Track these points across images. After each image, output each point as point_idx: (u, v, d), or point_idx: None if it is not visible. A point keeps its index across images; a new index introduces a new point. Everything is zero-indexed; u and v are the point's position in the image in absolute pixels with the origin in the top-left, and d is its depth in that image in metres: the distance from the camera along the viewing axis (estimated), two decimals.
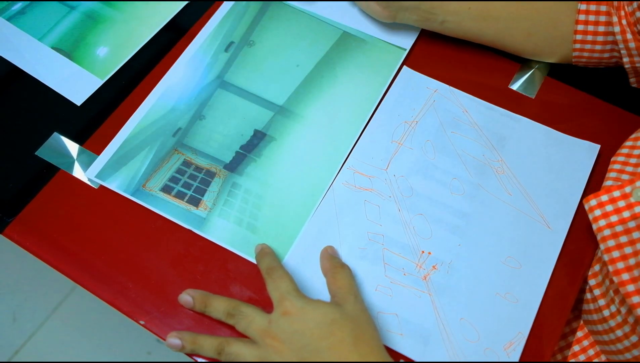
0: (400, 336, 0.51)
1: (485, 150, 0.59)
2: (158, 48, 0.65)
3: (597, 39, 0.57)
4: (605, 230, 0.49)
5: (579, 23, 0.57)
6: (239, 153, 0.59)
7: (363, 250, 0.54)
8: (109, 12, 0.66)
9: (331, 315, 0.46)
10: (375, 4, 0.62)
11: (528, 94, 0.63)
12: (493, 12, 0.59)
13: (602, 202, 0.49)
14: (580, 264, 0.54)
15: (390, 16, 0.62)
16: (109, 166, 0.57)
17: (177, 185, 0.57)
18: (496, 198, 0.56)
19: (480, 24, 0.60)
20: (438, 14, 0.60)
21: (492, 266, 0.53)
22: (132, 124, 0.59)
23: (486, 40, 0.62)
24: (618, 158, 0.54)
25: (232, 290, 0.52)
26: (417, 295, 0.52)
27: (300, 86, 0.62)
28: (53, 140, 0.59)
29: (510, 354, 0.50)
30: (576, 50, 0.59)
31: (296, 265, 0.53)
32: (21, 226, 0.54)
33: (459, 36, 0.62)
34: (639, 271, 0.46)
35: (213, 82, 0.62)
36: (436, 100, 0.62)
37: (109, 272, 0.52)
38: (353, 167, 0.58)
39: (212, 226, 0.55)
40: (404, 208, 0.56)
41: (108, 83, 0.62)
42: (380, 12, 0.62)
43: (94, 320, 1.20)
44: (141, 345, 1.18)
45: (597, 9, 0.56)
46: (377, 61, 0.64)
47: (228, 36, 0.65)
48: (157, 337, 0.50)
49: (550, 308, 0.52)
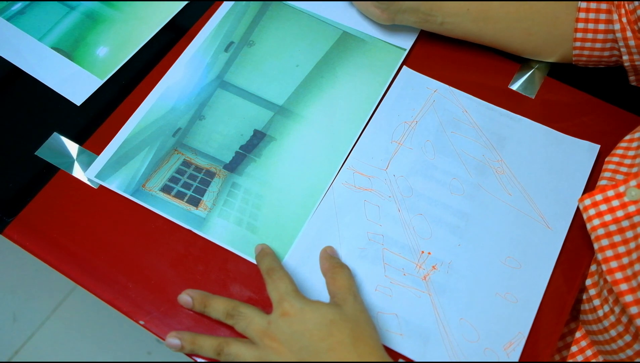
0: (400, 336, 0.51)
1: (485, 150, 0.59)
2: (158, 48, 0.65)
3: (597, 37, 0.57)
4: (599, 229, 0.49)
5: (579, 21, 0.57)
6: (239, 153, 0.59)
7: (363, 250, 0.54)
8: (109, 12, 0.66)
9: (330, 315, 0.46)
10: (374, 7, 0.62)
11: (528, 94, 0.62)
12: (492, 12, 0.59)
13: (596, 201, 0.50)
14: (580, 264, 0.54)
15: (389, 18, 0.62)
16: (108, 166, 0.57)
17: (177, 185, 0.57)
18: (496, 198, 0.56)
19: (480, 24, 0.60)
20: (437, 16, 0.60)
21: (492, 266, 0.53)
22: (132, 124, 0.59)
23: (486, 40, 0.62)
24: (612, 158, 0.55)
25: (231, 290, 0.52)
26: (417, 295, 0.52)
27: (300, 86, 0.62)
28: (53, 140, 0.59)
29: (510, 354, 0.50)
30: (576, 48, 0.59)
31: (296, 265, 0.53)
32: (21, 226, 0.54)
33: (459, 37, 0.62)
34: (632, 270, 0.46)
35: (213, 82, 0.62)
36: (436, 100, 0.62)
37: (109, 272, 0.52)
38: (353, 167, 0.58)
39: (212, 226, 0.55)
40: (404, 208, 0.56)
41: (108, 83, 0.62)
42: (379, 14, 0.62)
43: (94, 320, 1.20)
44: (141, 345, 1.18)
45: (598, 7, 0.56)
46: (377, 61, 0.64)
47: (228, 36, 0.65)
48: (157, 337, 0.50)
49: (550, 308, 0.52)
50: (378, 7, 0.61)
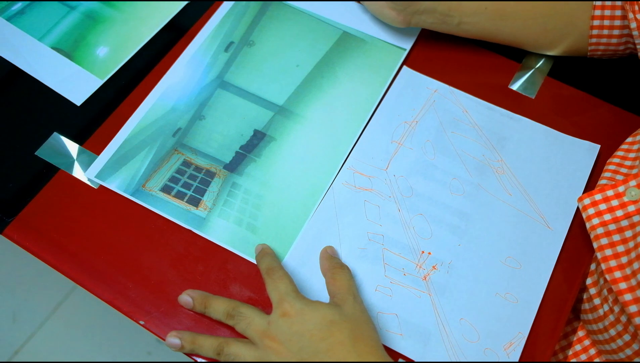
0: (400, 336, 0.51)
1: (485, 150, 0.59)
2: (158, 48, 0.65)
3: (613, 33, 0.58)
4: (599, 228, 0.49)
5: (595, 19, 0.57)
6: (239, 153, 0.59)
7: (363, 250, 0.54)
8: (109, 12, 0.66)
9: (330, 316, 0.46)
10: (390, 9, 0.60)
11: (528, 94, 0.62)
12: (509, 10, 0.59)
13: (596, 201, 0.50)
14: (580, 264, 0.54)
15: (405, 21, 0.60)
16: (108, 166, 0.57)
17: (177, 185, 0.57)
18: (496, 198, 0.56)
19: (497, 22, 0.59)
20: (455, 16, 0.59)
21: (492, 266, 0.53)
22: (132, 124, 0.59)
23: (502, 38, 0.61)
24: (614, 160, 0.55)
25: (231, 290, 0.52)
26: (417, 295, 0.52)
27: (300, 86, 0.62)
28: (53, 140, 0.59)
29: (510, 354, 0.50)
30: (592, 44, 0.59)
31: (296, 265, 0.53)
32: (21, 226, 0.54)
33: (474, 36, 0.62)
34: (631, 269, 0.46)
35: (213, 82, 0.62)
36: (436, 100, 0.62)
37: (109, 272, 0.52)
38: (353, 167, 0.58)
39: (212, 226, 0.55)
40: (404, 208, 0.56)
41: (108, 83, 0.62)
42: (395, 17, 0.60)
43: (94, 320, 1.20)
44: (141, 345, 1.18)
45: (613, 5, 0.57)
46: (377, 61, 0.64)
47: (228, 36, 0.65)
48: (157, 337, 0.50)
49: (550, 308, 0.52)
50: (394, 8, 0.60)
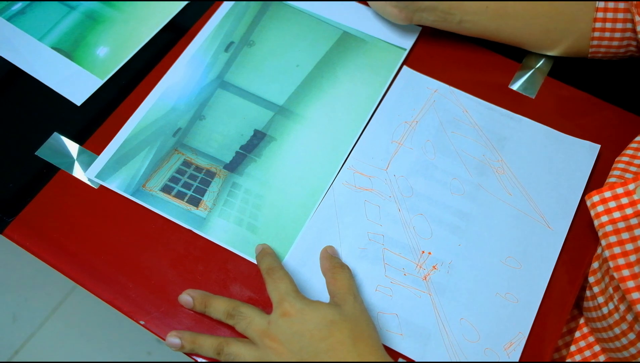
0: (400, 336, 0.51)
1: (485, 150, 0.59)
2: (158, 48, 0.65)
3: (615, 35, 0.57)
4: (608, 226, 0.49)
5: (597, 20, 0.57)
6: (239, 153, 0.59)
7: (363, 250, 0.54)
8: (109, 12, 0.66)
9: (330, 316, 0.46)
10: (392, 7, 0.61)
11: (528, 94, 0.62)
12: (511, 9, 0.59)
13: (605, 198, 0.50)
14: (581, 264, 0.54)
15: (407, 18, 0.61)
16: (109, 166, 0.57)
17: (177, 185, 0.57)
18: (496, 198, 0.56)
19: (498, 22, 0.59)
20: (456, 14, 0.59)
21: (492, 266, 0.53)
22: (132, 124, 0.59)
23: (503, 37, 0.61)
24: (622, 158, 0.55)
25: (232, 290, 0.52)
26: (417, 295, 0.52)
27: (300, 86, 0.62)
28: (53, 140, 0.59)
29: (510, 354, 0.50)
30: (593, 46, 0.59)
31: (296, 265, 0.53)
32: (21, 226, 0.54)
33: (475, 35, 0.62)
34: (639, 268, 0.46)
35: (213, 82, 0.62)
36: (436, 100, 0.62)
37: (109, 272, 0.52)
38: (353, 167, 0.58)
39: (212, 226, 0.55)
40: (404, 208, 0.56)
41: (108, 83, 0.62)
42: (397, 14, 0.61)
43: (94, 320, 1.20)
44: (141, 345, 1.19)
45: (616, 7, 0.57)
46: (377, 61, 0.64)
47: (228, 36, 0.65)
48: (157, 337, 0.50)
49: (550, 308, 0.52)
50: (396, 6, 0.61)
